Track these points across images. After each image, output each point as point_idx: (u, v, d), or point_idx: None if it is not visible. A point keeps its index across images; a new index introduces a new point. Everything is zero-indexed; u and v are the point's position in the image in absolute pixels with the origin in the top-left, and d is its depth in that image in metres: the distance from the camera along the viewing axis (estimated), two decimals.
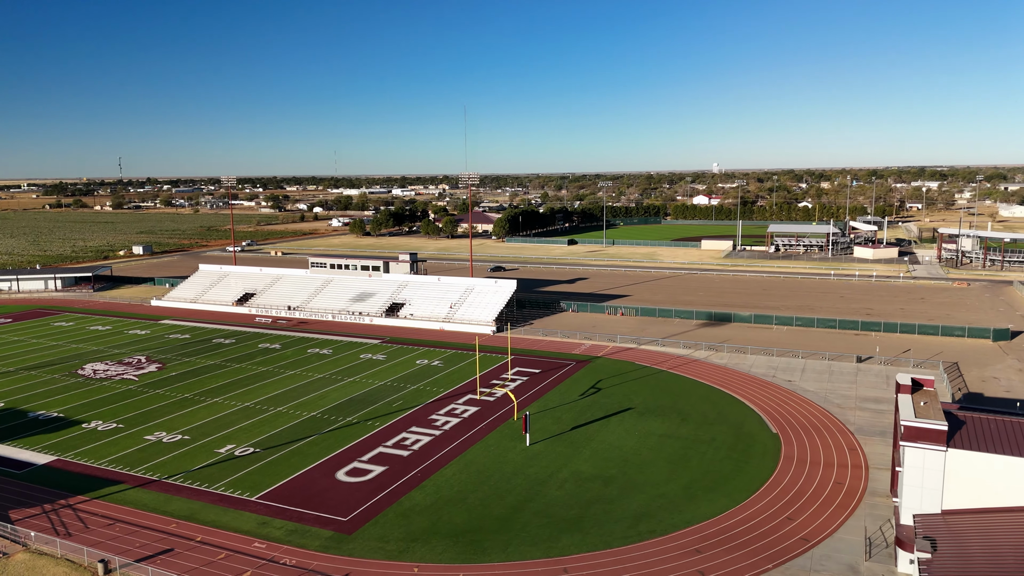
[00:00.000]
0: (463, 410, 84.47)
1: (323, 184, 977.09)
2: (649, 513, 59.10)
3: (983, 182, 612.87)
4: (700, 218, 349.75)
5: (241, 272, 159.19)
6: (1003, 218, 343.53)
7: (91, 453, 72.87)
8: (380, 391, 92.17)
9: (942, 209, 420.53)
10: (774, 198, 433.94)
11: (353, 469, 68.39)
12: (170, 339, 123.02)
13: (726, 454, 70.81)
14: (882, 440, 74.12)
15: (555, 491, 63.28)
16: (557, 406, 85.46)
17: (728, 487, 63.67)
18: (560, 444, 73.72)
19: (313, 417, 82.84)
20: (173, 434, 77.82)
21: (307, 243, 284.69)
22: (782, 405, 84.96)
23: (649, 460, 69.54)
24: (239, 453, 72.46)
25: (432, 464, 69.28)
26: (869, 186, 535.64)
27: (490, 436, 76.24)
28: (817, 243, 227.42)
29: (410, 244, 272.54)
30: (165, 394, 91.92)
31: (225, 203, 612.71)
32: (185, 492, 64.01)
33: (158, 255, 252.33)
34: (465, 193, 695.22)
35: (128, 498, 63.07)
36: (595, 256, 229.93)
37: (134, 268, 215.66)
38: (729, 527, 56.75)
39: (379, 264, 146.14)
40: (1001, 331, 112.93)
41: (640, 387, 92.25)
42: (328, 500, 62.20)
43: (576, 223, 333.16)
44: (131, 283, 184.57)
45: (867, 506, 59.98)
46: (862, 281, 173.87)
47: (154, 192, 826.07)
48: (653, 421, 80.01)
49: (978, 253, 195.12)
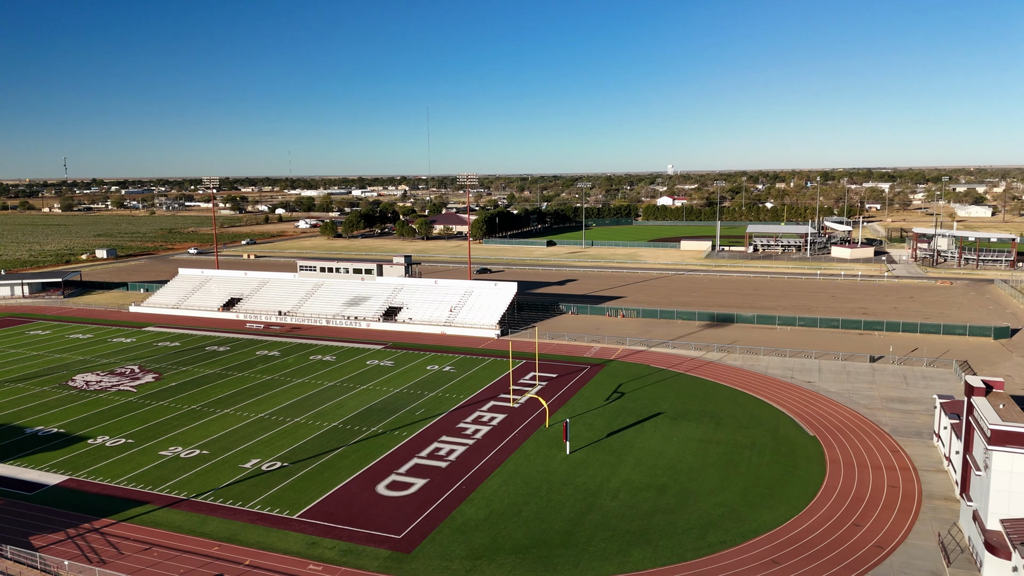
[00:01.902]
0: (490, 417, 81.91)
1: (279, 185, 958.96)
2: (713, 523, 57.50)
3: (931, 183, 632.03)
4: (671, 219, 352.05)
5: (224, 276, 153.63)
6: (961, 218, 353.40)
7: (105, 471, 68.36)
8: (398, 399, 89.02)
9: (899, 209, 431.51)
10: (741, 199, 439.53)
11: (393, 482, 65.36)
12: (159, 347, 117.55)
13: (771, 459, 69.71)
14: (919, 441, 73.93)
15: (610, 502, 61.27)
16: (585, 412, 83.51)
17: (784, 493, 62.47)
18: (600, 452, 71.76)
19: (335, 428, 79.37)
20: (190, 449, 73.62)
21: (279, 245, 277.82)
22: (810, 407, 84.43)
23: (697, 467, 68.02)
24: (267, 468, 68.75)
25: (474, 476, 66.65)
26: (826, 187, 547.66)
27: (526, 444, 73.89)
28: (794, 243, 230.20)
29: (385, 246, 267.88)
30: (170, 406, 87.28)
31: (181, 204, 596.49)
32: (219, 511, 60.23)
33: (123, 259, 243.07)
34: (429, 194, 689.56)
35: (158, 519, 59.05)
36: (577, 257, 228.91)
37: (101, 273, 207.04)
38: (799, 535, 55.46)
39: (372, 267, 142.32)
40: (1002, 329, 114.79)
41: (663, 391, 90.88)
42: (375, 516, 59.14)
43: (550, 224, 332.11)
44: (102, 288, 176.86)
45: (928, 510, 59.33)
46: (848, 280, 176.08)
47: (103, 193, 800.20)
48: (687, 426, 78.61)
49: (953, 252, 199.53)
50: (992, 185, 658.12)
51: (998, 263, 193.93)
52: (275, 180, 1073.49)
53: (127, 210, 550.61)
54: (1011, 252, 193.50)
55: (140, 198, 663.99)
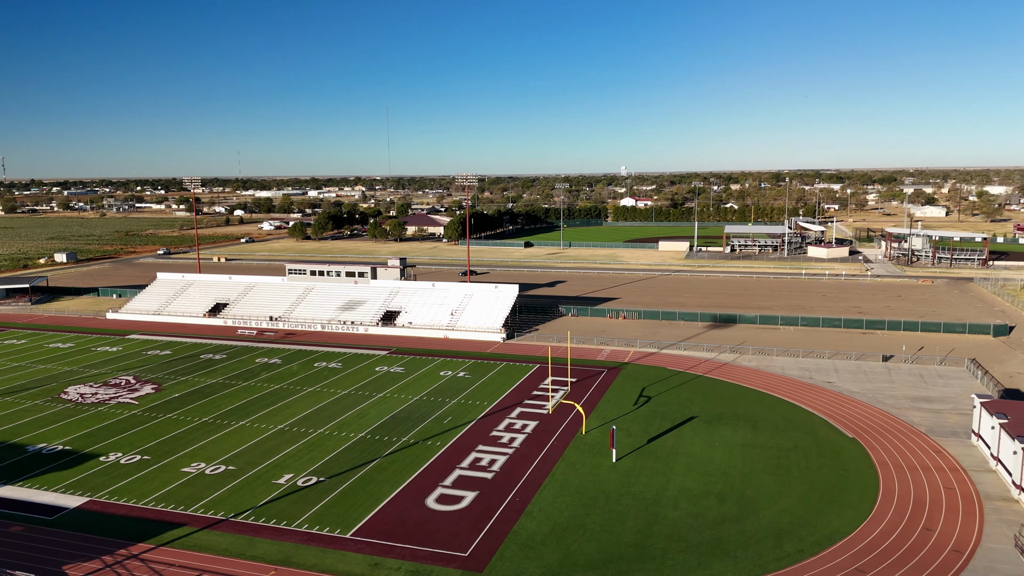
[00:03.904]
0: (522, 425, 79.48)
1: (230, 185, 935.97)
2: (784, 531, 56.13)
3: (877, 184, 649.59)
4: (640, 219, 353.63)
5: (207, 281, 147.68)
6: (919, 218, 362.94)
7: (128, 491, 63.89)
8: (420, 407, 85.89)
9: (856, 210, 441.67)
10: (708, 200, 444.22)
11: (442, 496, 62.47)
12: (150, 356, 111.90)
13: (820, 462, 68.84)
14: (957, 440, 73.99)
15: (672, 511, 59.47)
16: (617, 417, 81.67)
17: (845, 498, 61.50)
18: (646, 459, 69.97)
19: (363, 438, 75.95)
20: (215, 464, 69.46)
21: (247, 248, 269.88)
22: (838, 408, 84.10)
23: (749, 473, 66.71)
24: (302, 483, 65.15)
25: (524, 487, 64.17)
26: (780, 188, 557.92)
27: (567, 453, 71.68)
28: (771, 243, 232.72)
29: (359, 248, 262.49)
30: (179, 419, 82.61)
31: (131, 206, 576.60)
32: (265, 532, 56.58)
33: (84, 263, 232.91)
34: (389, 195, 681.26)
35: (201, 543, 55.13)
36: (558, 258, 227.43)
37: (66, 278, 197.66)
38: (874, 542, 54.43)
39: (366, 270, 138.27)
40: (1000, 327, 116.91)
41: (688, 394, 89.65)
42: (434, 533, 56.24)
43: (522, 225, 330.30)
44: (71, 294, 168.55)
45: (991, 511, 58.98)
46: (833, 280, 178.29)
47: (45, 195, 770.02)
48: (725, 430, 77.39)
49: (928, 252, 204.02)
50: (937, 186, 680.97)
51: (970, 262, 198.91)
52: (225, 181, 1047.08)
53: (75, 212, 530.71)
54: (983, 251, 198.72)
55: (87, 199, 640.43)
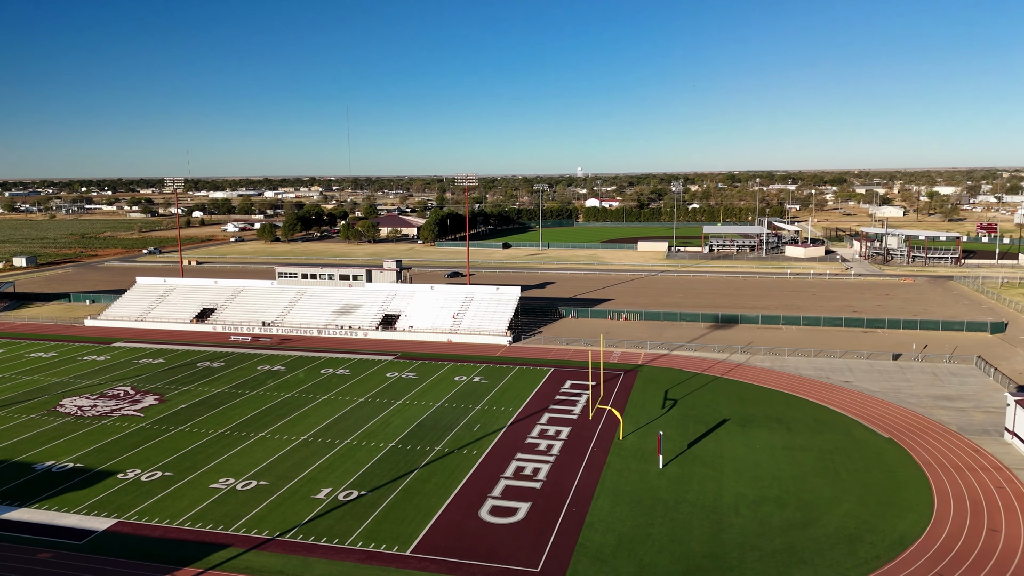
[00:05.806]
0: (555, 431, 77.49)
1: (182, 187, 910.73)
2: (854, 536, 55.24)
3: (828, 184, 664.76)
4: (611, 220, 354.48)
5: (191, 285, 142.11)
6: (880, 218, 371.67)
7: (158, 511, 60.02)
8: (444, 414, 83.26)
9: (817, 210, 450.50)
10: (673, 201, 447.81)
11: (495, 508, 60.11)
12: (142, 365, 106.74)
13: (866, 464, 68.40)
14: (991, 439, 74.42)
15: (735, 519, 58.17)
16: (649, 421, 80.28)
17: (903, 500, 61.00)
18: (693, 464, 68.63)
19: (394, 448, 73.07)
20: (244, 480, 65.87)
21: (217, 250, 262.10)
22: (865, 407, 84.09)
23: (799, 476, 65.85)
24: (344, 498, 62.10)
25: (576, 497, 62.19)
26: (739, 188, 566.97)
27: (611, 459, 69.92)
28: (749, 243, 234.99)
29: (332, 250, 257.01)
30: (192, 431, 78.47)
31: (81, 208, 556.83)
32: (318, 551, 53.50)
33: (46, 267, 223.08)
34: (349, 195, 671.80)
35: (253, 565, 51.82)
36: (539, 259, 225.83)
37: (30, 283, 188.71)
38: (946, 545, 53.89)
39: (360, 272, 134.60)
40: (997, 324, 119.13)
41: (713, 396, 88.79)
42: (496, 547, 53.89)
43: (495, 226, 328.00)
44: (40, 300, 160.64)
45: None
46: (818, 279, 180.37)
47: None
48: (761, 432, 76.59)
49: (903, 251, 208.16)
50: (888, 187, 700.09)
51: (943, 261, 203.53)
52: (175, 181, 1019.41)
53: (22, 214, 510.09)
54: (956, 250, 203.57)
55: (33, 201, 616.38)
